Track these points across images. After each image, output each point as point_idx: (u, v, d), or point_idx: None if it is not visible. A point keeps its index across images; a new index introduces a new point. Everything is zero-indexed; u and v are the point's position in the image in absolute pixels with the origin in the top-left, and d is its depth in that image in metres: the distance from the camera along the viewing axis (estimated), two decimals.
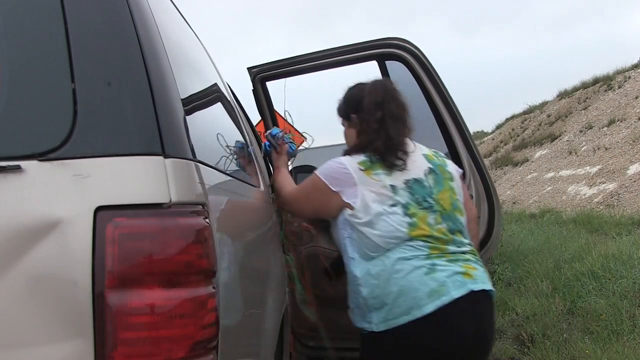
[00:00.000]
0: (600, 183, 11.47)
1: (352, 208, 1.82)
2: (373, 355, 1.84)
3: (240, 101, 3.06)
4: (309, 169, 3.31)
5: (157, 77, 0.95)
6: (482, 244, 2.66)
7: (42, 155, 0.86)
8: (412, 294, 1.71)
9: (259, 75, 2.96)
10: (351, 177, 1.84)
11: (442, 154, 2.08)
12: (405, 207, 1.81)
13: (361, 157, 1.88)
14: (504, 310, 4.61)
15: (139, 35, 0.96)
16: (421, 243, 1.78)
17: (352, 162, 1.87)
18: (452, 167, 2.03)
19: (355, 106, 2.00)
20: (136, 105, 0.92)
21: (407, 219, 1.80)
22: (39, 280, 0.83)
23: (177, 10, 1.51)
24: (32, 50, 0.94)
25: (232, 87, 2.77)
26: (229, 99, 2.10)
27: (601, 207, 10.16)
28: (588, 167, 12.73)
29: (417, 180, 1.86)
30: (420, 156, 1.95)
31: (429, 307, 1.69)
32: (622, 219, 8.33)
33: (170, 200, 0.87)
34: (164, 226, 0.86)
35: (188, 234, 0.88)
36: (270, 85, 3.04)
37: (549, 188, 13.40)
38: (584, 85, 18.68)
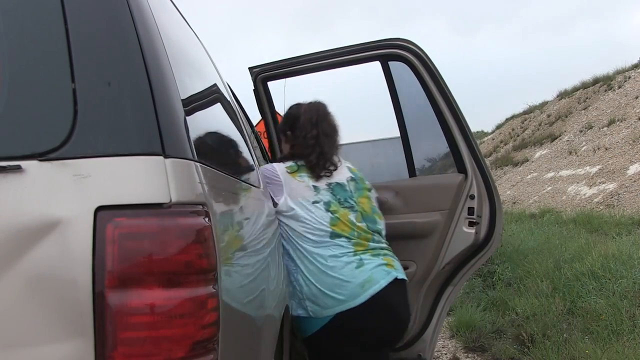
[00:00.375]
0: (600, 183, 11.47)
1: (276, 204, 2.05)
2: (318, 346, 2.09)
3: (240, 101, 3.06)
4: None
5: (157, 77, 0.95)
6: (484, 244, 2.68)
7: (43, 155, 0.86)
8: (345, 286, 1.96)
9: (260, 76, 2.96)
10: (278, 177, 2.10)
11: (362, 174, 2.36)
12: (327, 204, 2.07)
13: (289, 163, 2.17)
14: (504, 310, 4.61)
15: (139, 35, 0.96)
16: (345, 241, 2.03)
17: (281, 166, 2.15)
18: (369, 184, 2.33)
19: (291, 124, 2.28)
20: (136, 105, 0.92)
21: (329, 214, 2.05)
22: (39, 280, 0.83)
23: (177, 10, 1.51)
24: (32, 50, 0.94)
25: (232, 87, 2.77)
26: (229, 99, 2.10)
27: (601, 207, 10.16)
28: (588, 167, 12.74)
29: (339, 184, 2.15)
30: (345, 167, 2.25)
31: (362, 298, 1.95)
32: (622, 219, 8.33)
33: (171, 200, 0.87)
34: (164, 226, 0.86)
35: (188, 234, 0.88)
36: (271, 85, 3.04)
37: (549, 188, 13.41)
38: (584, 85, 18.69)
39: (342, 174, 2.20)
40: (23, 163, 0.85)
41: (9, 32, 0.94)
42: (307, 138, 2.19)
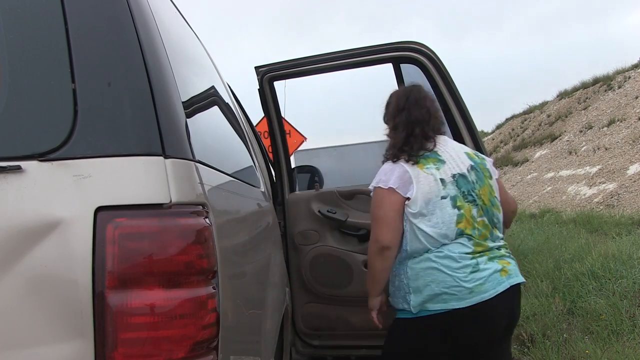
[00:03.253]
0: (600, 183, 11.47)
1: (408, 199, 1.94)
2: (403, 337, 2.02)
3: (240, 101, 3.05)
4: (309, 169, 3.32)
5: (157, 77, 0.95)
6: None
7: (43, 156, 0.86)
8: (455, 288, 1.88)
9: (267, 75, 2.94)
10: (407, 173, 1.97)
11: (481, 154, 2.22)
12: (453, 199, 1.95)
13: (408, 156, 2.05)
14: None
15: (139, 36, 0.96)
16: (466, 240, 1.93)
17: (404, 163, 2.01)
18: (490, 165, 2.17)
19: (386, 112, 2.19)
20: (136, 106, 0.92)
21: (456, 211, 1.94)
22: (40, 281, 0.83)
23: (177, 10, 1.51)
24: (32, 50, 0.93)
25: (232, 87, 2.77)
26: (229, 99, 2.10)
27: (601, 207, 10.16)
28: (588, 167, 12.73)
29: (462, 175, 2.01)
30: (463, 154, 2.10)
31: (468, 302, 1.87)
32: (622, 219, 8.32)
33: (171, 201, 0.87)
34: (164, 226, 0.86)
35: (188, 234, 0.88)
36: (275, 83, 3.03)
37: (549, 188, 13.41)
38: (584, 85, 18.68)
39: (463, 162, 2.05)
40: (23, 163, 0.85)
41: (9, 32, 0.94)
42: (396, 126, 2.09)
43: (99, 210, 0.84)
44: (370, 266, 2.07)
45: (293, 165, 3.33)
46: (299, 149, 9.44)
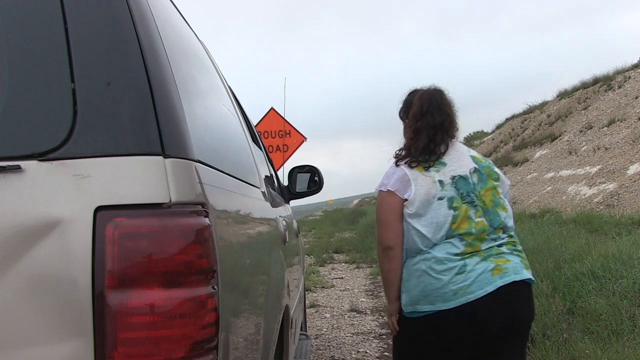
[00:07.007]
0: (600, 183, 11.48)
1: (405, 200, 2.05)
2: (404, 336, 2.15)
3: (240, 101, 3.05)
4: (309, 169, 3.32)
5: (157, 77, 0.95)
6: None
7: (42, 155, 0.86)
8: (441, 290, 1.95)
9: None
10: (406, 175, 2.08)
11: (489, 160, 2.30)
12: (450, 200, 2.03)
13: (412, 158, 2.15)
14: None
15: (138, 35, 0.96)
16: (457, 240, 1.99)
17: (405, 166, 2.12)
18: (499, 171, 2.25)
19: (405, 112, 2.27)
20: (136, 105, 0.92)
21: (451, 212, 2.01)
22: (39, 280, 0.83)
23: (177, 10, 1.51)
24: (32, 50, 0.94)
25: (232, 87, 2.77)
26: (229, 98, 2.10)
27: (601, 207, 10.16)
28: (588, 167, 12.74)
29: (462, 177, 2.08)
30: (468, 157, 2.17)
31: (452, 304, 1.94)
32: (622, 219, 8.33)
33: (170, 200, 0.87)
34: (163, 226, 0.86)
35: (188, 234, 0.88)
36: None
37: (549, 188, 13.41)
38: (584, 85, 18.71)
39: (466, 165, 2.12)
40: (23, 163, 0.85)
41: (8, 32, 0.94)
42: (419, 130, 2.14)
43: (98, 209, 0.84)
44: (380, 269, 2.18)
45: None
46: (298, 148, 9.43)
